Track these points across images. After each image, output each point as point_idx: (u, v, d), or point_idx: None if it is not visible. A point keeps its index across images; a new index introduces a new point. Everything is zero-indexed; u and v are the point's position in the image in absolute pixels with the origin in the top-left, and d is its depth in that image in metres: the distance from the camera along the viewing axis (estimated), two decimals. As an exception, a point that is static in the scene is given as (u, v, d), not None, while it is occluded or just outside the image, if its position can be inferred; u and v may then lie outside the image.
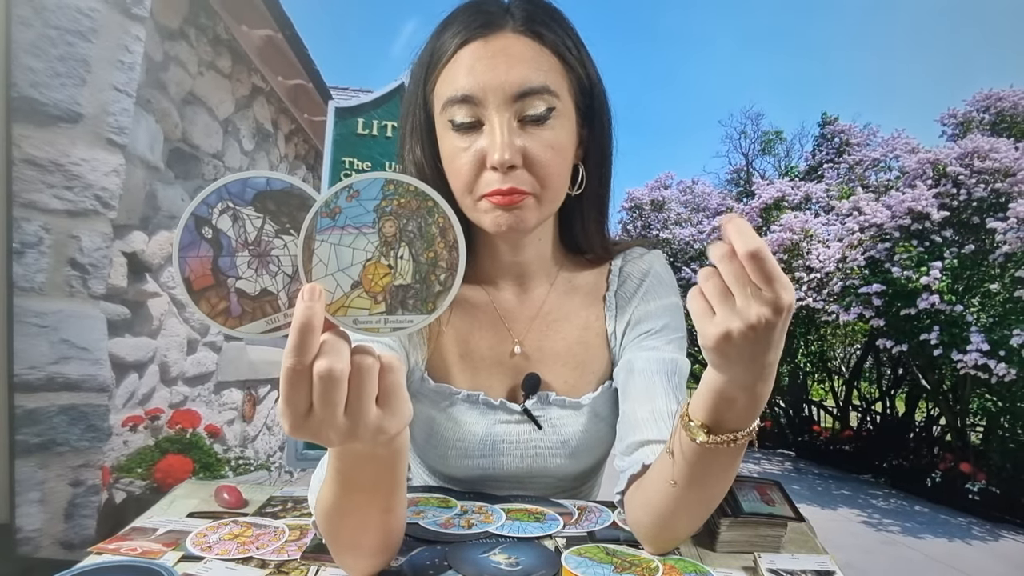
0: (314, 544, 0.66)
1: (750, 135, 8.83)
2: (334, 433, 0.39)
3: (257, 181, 0.39)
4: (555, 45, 0.68)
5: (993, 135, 5.13)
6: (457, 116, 0.66)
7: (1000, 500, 4.46)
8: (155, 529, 0.69)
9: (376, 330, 0.40)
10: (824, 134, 7.66)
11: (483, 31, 0.66)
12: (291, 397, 0.38)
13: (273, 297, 0.40)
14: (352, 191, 0.39)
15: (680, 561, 0.63)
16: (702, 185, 9.58)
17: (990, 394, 5.05)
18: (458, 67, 0.67)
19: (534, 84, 0.65)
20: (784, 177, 7.93)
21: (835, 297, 4.99)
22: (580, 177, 0.74)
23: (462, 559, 0.61)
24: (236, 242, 0.40)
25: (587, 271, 0.84)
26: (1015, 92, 5.37)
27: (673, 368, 0.74)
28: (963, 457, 4.87)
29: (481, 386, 0.79)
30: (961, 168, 4.41)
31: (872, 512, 4.62)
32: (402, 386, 0.42)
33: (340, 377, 0.38)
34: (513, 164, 0.65)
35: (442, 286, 0.40)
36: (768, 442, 7.43)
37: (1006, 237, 4.04)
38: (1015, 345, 4.01)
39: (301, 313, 0.37)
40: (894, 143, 6.46)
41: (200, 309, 0.40)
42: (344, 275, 0.40)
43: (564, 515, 0.73)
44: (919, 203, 4.39)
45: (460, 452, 0.78)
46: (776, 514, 0.68)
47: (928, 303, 4.32)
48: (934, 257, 4.42)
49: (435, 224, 0.40)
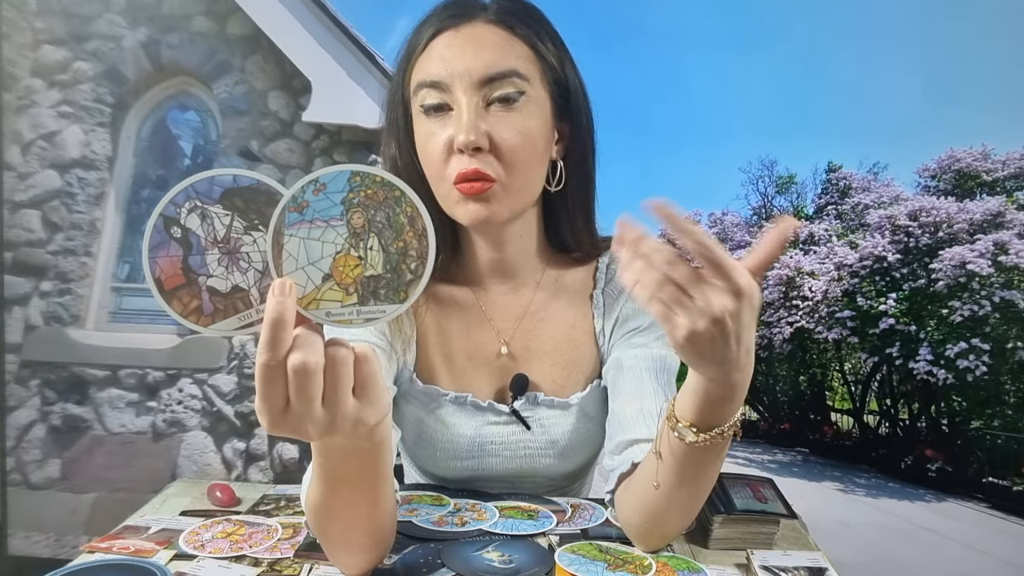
0: (307, 542, 0.65)
1: (766, 180, 10.31)
2: (312, 427, 0.39)
3: (224, 179, 0.39)
4: (527, 36, 0.68)
5: (956, 187, 6.51)
6: (427, 100, 0.67)
7: (950, 476, 5.81)
8: (148, 527, 0.68)
9: (349, 322, 0.40)
10: (830, 179, 9.03)
11: (455, 21, 0.68)
12: (267, 393, 0.38)
13: (245, 293, 0.40)
14: (319, 184, 0.39)
15: (673, 558, 0.62)
16: (731, 216, 10.99)
17: (956, 395, 6.35)
18: (430, 56, 0.68)
19: (501, 68, 0.65)
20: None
21: (823, 320, 6.44)
22: (559, 172, 0.73)
23: (455, 557, 0.60)
24: (205, 240, 0.39)
25: (575, 269, 0.82)
26: (970, 153, 6.73)
27: (662, 365, 0.74)
28: (928, 445, 6.22)
29: (469, 387, 0.78)
30: (910, 222, 5.84)
31: (849, 485, 6.03)
32: (378, 376, 0.42)
33: (315, 370, 0.37)
34: (479, 146, 0.64)
35: (413, 274, 0.40)
36: (785, 440, 8.81)
37: (940, 275, 5.45)
38: (951, 356, 5.39)
39: (272, 308, 0.36)
40: (885, 190, 7.83)
41: (172, 309, 0.39)
42: (314, 268, 0.39)
43: (557, 513, 0.72)
44: (878, 249, 5.85)
45: (449, 453, 0.77)
46: (769, 511, 0.68)
47: (887, 324, 5.75)
48: (891, 289, 5.85)
49: (403, 213, 0.39)
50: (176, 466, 2.81)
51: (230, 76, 3.04)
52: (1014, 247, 5.17)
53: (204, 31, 3.09)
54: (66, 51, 3.07)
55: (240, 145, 2.98)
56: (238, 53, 3.05)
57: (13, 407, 2.86)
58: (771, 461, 7.56)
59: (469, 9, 0.68)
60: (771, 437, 10.25)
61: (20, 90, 3.05)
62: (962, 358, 5.32)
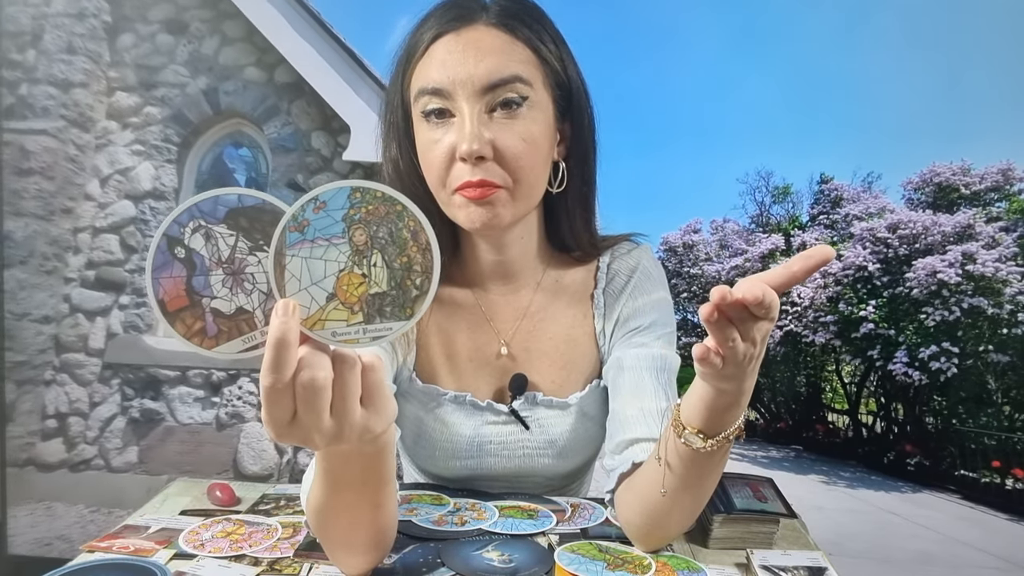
0: (307, 542, 0.65)
1: (762, 190, 10.78)
2: (319, 437, 0.39)
3: (228, 198, 0.38)
4: (528, 39, 0.67)
5: (936, 200, 6.96)
6: (428, 106, 0.66)
7: (927, 470, 6.25)
8: (147, 527, 0.68)
9: (355, 340, 0.39)
10: (822, 190, 9.46)
11: (455, 24, 0.66)
12: (273, 412, 0.38)
13: (249, 315, 0.39)
14: (318, 203, 0.38)
15: (673, 558, 0.62)
16: (732, 224, 11.43)
17: (938, 395, 6.79)
18: (431, 61, 0.66)
19: (504, 74, 0.64)
20: (791, 225, 9.74)
21: (810, 325, 6.89)
22: (561, 174, 0.73)
23: (455, 556, 0.60)
24: (210, 261, 0.39)
25: (575, 269, 0.82)
26: (949, 168, 7.18)
27: (662, 364, 0.73)
28: (909, 440, 6.67)
29: (468, 387, 0.78)
30: (889, 234, 6.29)
31: (833, 477, 6.48)
32: (385, 384, 0.42)
33: (324, 385, 0.37)
34: (482, 155, 0.63)
35: (419, 290, 0.39)
36: (782, 439, 9.26)
37: (914, 283, 5.91)
38: (924, 358, 5.84)
39: (276, 329, 0.36)
40: (873, 201, 8.27)
41: (176, 330, 0.38)
42: (318, 288, 0.39)
43: (557, 512, 0.72)
44: (859, 259, 6.30)
45: (448, 453, 0.77)
46: (768, 511, 0.68)
47: (867, 329, 6.20)
48: (872, 296, 6.30)
49: (406, 228, 0.39)
50: (236, 452, 3.31)
51: (278, 118, 3.54)
52: (981, 257, 5.63)
53: (255, 79, 3.60)
54: (137, 97, 3.59)
55: (288, 178, 3.48)
56: (285, 98, 3.56)
57: (97, 403, 3.37)
58: (764, 457, 7.99)
59: (469, 12, 0.67)
60: (768, 435, 10.69)
61: (98, 131, 3.57)
62: (934, 360, 5.77)
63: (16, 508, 3.32)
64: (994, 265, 5.60)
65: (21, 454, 3.36)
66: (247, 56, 3.55)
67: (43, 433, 3.36)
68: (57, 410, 3.32)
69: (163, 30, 3.59)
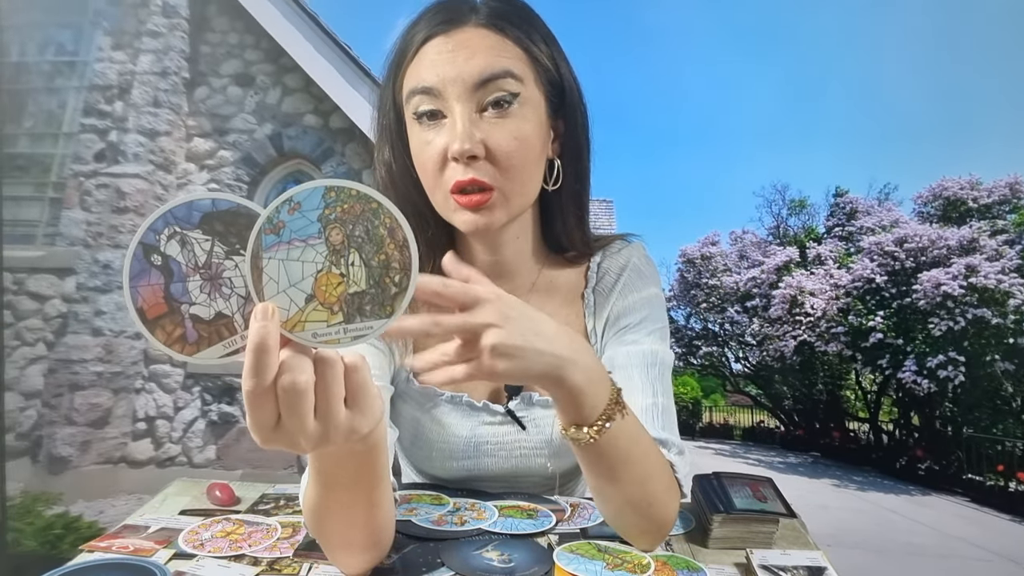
0: (307, 541, 0.65)
1: (778, 203, 11.09)
2: (305, 440, 0.39)
3: (202, 203, 0.38)
4: (519, 38, 0.68)
5: (946, 213, 7.25)
6: (420, 107, 0.66)
7: (937, 474, 6.51)
8: (147, 527, 0.68)
9: (337, 341, 0.39)
10: (837, 203, 9.75)
11: (445, 27, 0.66)
12: (257, 417, 0.38)
13: (228, 320, 0.39)
14: (293, 203, 0.38)
15: (672, 557, 0.62)
16: (751, 235, 11.72)
17: (950, 403, 7.04)
18: (421, 62, 0.67)
19: (494, 70, 0.64)
20: (807, 237, 10.04)
21: (822, 336, 7.22)
22: (556, 172, 0.73)
23: (455, 556, 0.60)
24: (186, 267, 0.38)
25: (569, 269, 0.83)
26: (957, 182, 7.45)
27: (652, 360, 0.74)
28: (920, 446, 6.93)
29: (464, 387, 0.78)
30: (896, 247, 6.61)
31: (845, 481, 6.76)
32: (369, 384, 0.41)
33: (305, 388, 0.37)
34: (474, 154, 0.64)
35: (398, 287, 0.39)
36: (800, 445, 9.52)
37: (920, 295, 6.22)
38: (932, 367, 6.14)
39: (255, 333, 0.36)
40: (886, 214, 8.55)
41: (156, 338, 0.38)
42: (296, 290, 0.38)
43: (557, 512, 0.72)
44: (867, 271, 6.62)
45: (444, 454, 0.78)
46: (768, 510, 0.68)
47: (876, 339, 6.51)
48: (880, 307, 6.61)
49: (382, 225, 0.39)
50: (300, 450, 3.82)
51: (334, 159, 4.07)
52: (983, 269, 5.92)
53: (313, 125, 4.14)
54: (212, 142, 4.16)
55: (342, 212, 4.01)
56: (339, 141, 4.09)
57: (181, 408, 3.92)
58: (780, 462, 8.28)
59: (459, 13, 0.67)
60: (786, 442, 10.91)
61: (179, 172, 4.14)
62: (942, 368, 6.06)
63: (112, 499, 3.86)
64: (996, 277, 5.89)
65: (115, 452, 3.91)
66: (306, 104, 4.09)
67: (134, 434, 3.91)
68: (146, 414, 3.87)
69: (233, 83, 4.17)
